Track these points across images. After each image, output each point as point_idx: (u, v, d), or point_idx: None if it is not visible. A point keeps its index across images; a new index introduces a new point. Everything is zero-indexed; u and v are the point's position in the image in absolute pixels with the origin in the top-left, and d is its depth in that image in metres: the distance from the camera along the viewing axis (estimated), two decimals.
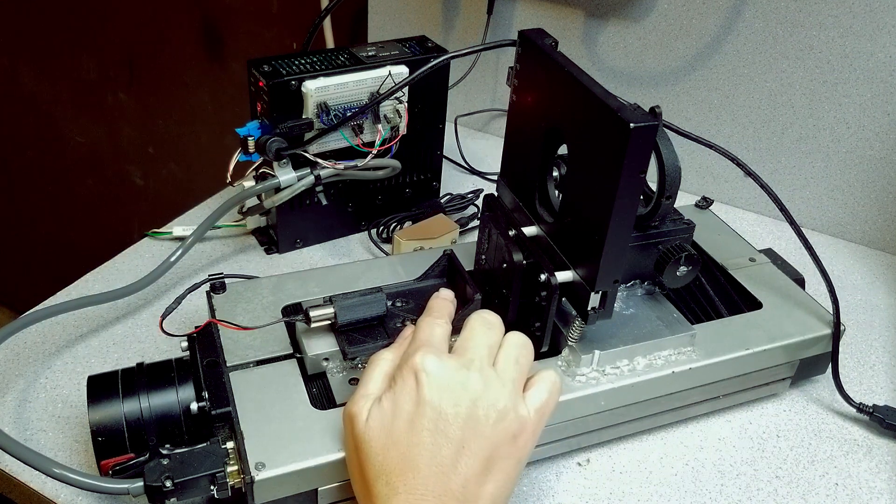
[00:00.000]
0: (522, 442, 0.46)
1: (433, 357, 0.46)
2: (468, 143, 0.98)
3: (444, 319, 0.51)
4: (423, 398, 0.44)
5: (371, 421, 0.45)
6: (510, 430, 0.45)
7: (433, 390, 0.44)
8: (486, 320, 0.49)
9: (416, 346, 0.47)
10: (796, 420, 0.65)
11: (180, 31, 1.32)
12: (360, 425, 0.45)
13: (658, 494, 0.58)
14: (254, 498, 0.47)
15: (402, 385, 0.45)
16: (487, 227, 0.61)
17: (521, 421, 0.45)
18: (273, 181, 0.71)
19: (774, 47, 0.84)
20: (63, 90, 1.52)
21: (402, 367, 0.46)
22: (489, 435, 0.44)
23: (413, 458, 0.43)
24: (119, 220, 1.66)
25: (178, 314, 0.61)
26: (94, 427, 0.50)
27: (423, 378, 0.44)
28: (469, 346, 0.47)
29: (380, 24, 1.05)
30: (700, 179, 0.94)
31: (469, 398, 0.44)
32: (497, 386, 0.45)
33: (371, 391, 0.47)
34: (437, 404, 0.44)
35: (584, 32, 0.93)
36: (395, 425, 0.44)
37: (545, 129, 0.55)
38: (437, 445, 0.43)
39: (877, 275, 0.85)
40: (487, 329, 0.48)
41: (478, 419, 0.44)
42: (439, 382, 0.44)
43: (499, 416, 0.44)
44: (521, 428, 0.45)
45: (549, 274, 0.53)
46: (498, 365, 0.47)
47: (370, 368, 0.49)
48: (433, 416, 0.43)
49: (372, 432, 0.44)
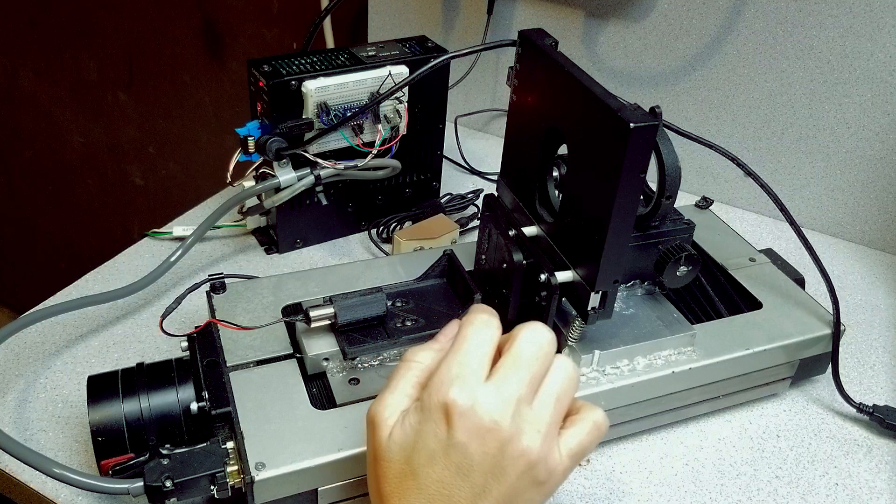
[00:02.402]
0: (549, 487, 0.43)
1: (467, 393, 0.41)
2: (468, 143, 0.98)
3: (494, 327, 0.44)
4: (450, 441, 0.41)
5: (393, 441, 0.42)
6: (538, 478, 0.42)
7: (462, 434, 0.41)
8: (538, 344, 0.43)
9: (453, 371, 0.42)
10: (796, 420, 0.65)
11: (180, 31, 1.32)
12: (381, 438, 0.43)
13: (658, 494, 0.58)
14: (254, 498, 0.48)
15: (429, 416, 0.41)
16: (487, 227, 0.61)
17: (551, 469, 0.42)
18: (273, 181, 0.71)
19: (774, 47, 0.84)
20: (63, 90, 1.52)
21: (433, 393, 0.42)
22: (514, 482, 0.41)
23: (430, 494, 0.41)
24: (119, 220, 1.66)
25: (178, 314, 0.61)
26: (94, 427, 0.50)
27: (454, 419, 0.41)
28: (509, 378, 0.42)
29: (380, 24, 1.05)
30: (700, 179, 0.94)
31: (498, 445, 0.41)
32: (531, 432, 0.41)
33: (397, 400, 0.44)
34: (465, 448, 0.41)
35: (584, 32, 0.93)
36: (416, 456, 0.41)
37: (545, 129, 0.55)
38: (457, 488, 0.41)
39: (877, 275, 0.85)
40: (535, 357, 0.43)
41: (503, 467, 0.41)
42: (469, 425, 0.41)
43: (528, 466, 0.41)
44: (549, 475, 0.42)
45: (549, 274, 0.53)
46: (536, 404, 0.42)
47: (400, 371, 0.45)
48: (458, 459, 0.41)
49: (392, 453, 0.42)
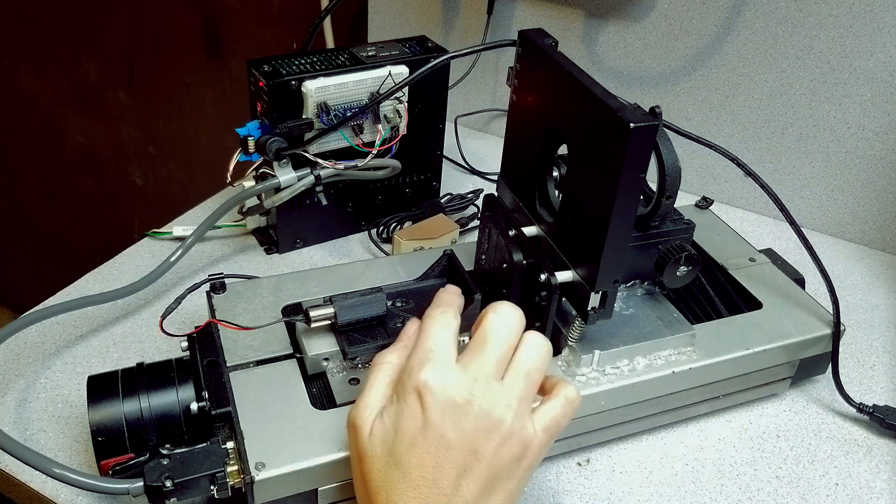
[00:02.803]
0: (527, 463, 0.44)
1: (437, 374, 0.43)
2: (468, 143, 0.98)
3: (451, 315, 0.46)
4: (426, 421, 0.42)
5: (374, 437, 0.43)
6: (513, 452, 0.43)
7: (436, 412, 0.42)
8: (504, 322, 0.45)
9: (421, 357, 0.44)
10: (796, 420, 0.65)
11: (180, 31, 1.32)
12: (363, 438, 0.44)
13: (658, 494, 0.58)
14: (254, 498, 0.48)
15: (405, 403, 0.43)
16: (487, 227, 0.61)
17: (526, 442, 0.44)
18: (273, 181, 0.71)
19: (774, 47, 0.84)
20: (63, 90, 1.52)
21: (405, 381, 0.43)
22: (491, 458, 0.43)
23: (414, 480, 0.42)
24: (119, 220, 1.66)
25: (178, 314, 0.61)
26: (94, 427, 0.50)
27: (427, 399, 0.42)
28: (477, 357, 0.44)
29: (380, 24, 1.05)
30: (700, 179, 0.94)
31: (472, 421, 0.42)
32: (502, 407, 0.43)
33: (374, 400, 0.45)
34: (440, 428, 0.42)
35: (584, 32, 0.93)
36: (397, 445, 0.42)
37: (545, 129, 0.55)
38: (439, 469, 0.42)
39: (877, 275, 0.85)
40: (503, 335, 0.44)
41: (479, 443, 0.42)
42: (443, 404, 0.42)
43: (502, 440, 0.43)
44: (525, 449, 0.44)
45: (549, 274, 0.53)
46: (507, 379, 0.44)
47: (373, 373, 0.47)
48: (435, 441, 0.42)
49: (374, 449, 0.43)
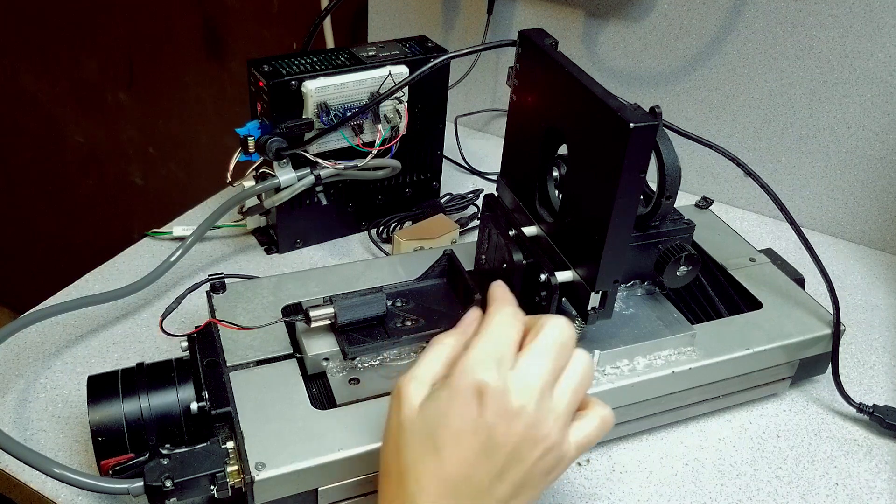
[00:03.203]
0: (554, 475, 0.45)
1: (500, 378, 0.43)
2: (468, 143, 0.98)
3: (520, 317, 0.46)
4: (479, 420, 0.42)
5: (420, 414, 0.43)
6: (549, 463, 0.44)
7: (490, 414, 0.42)
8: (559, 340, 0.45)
9: (485, 355, 0.43)
10: (796, 420, 0.65)
11: (180, 31, 1.32)
12: (407, 410, 0.44)
13: (658, 494, 0.58)
14: (254, 498, 0.48)
15: (460, 395, 0.43)
16: (487, 227, 0.61)
17: (561, 457, 0.44)
18: (273, 181, 0.71)
19: (774, 47, 0.84)
20: (63, 90, 1.52)
21: (465, 375, 0.43)
22: (529, 467, 0.43)
23: (449, 472, 0.42)
24: (119, 220, 1.66)
25: (178, 314, 0.61)
26: (94, 427, 0.50)
27: (486, 399, 0.42)
28: (536, 365, 0.44)
29: (380, 24, 1.05)
30: (700, 179, 0.94)
31: (522, 429, 0.42)
32: (551, 420, 0.43)
33: (426, 375, 0.45)
34: (492, 429, 0.42)
35: (584, 32, 0.93)
36: (442, 433, 0.42)
37: (545, 129, 0.55)
38: (479, 467, 0.42)
39: (877, 275, 0.85)
40: (559, 350, 0.45)
41: (523, 451, 0.43)
42: (499, 407, 0.42)
43: (543, 453, 0.43)
44: (559, 463, 0.45)
45: (549, 274, 0.53)
46: (556, 392, 0.44)
47: (429, 349, 0.47)
48: (484, 440, 0.42)
49: (416, 426, 0.43)
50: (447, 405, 0.43)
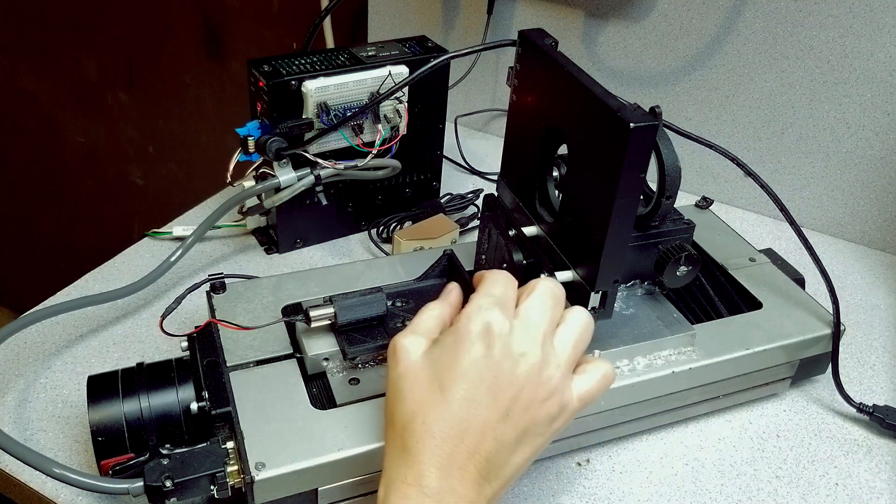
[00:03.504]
0: (558, 424, 0.45)
1: (506, 320, 0.44)
2: (468, 143, 0.98)
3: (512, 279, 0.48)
4: (486, 358, 0.43)
5: (427, 357, 0.44)
6: (552, 411, 0.45)
7: (497, 353, 0.43)
8: (553, 292, 0.47)
9: (492, 300, 0.45)
10: (796, 420, 0.65)
11: (180, 30, 1.32)
12: (408, 361, 0.45)
13: (658, 494, 0.58)
14: (254, 498, 0.47)
15: (467, 336, 0.44)
16: (487, 227, 0.61)
17: (564, 405, 0.45)
18: (273, 181, 0.71)
19: (774, 47, 0.84)
20: (63, 90, 1.52)
21: (470, 318, 0.44)
22: (533, 412, 0.44)
23: (456, 411, 0.42)
24: (119, 220, 1.66)
25: (178, 314, 0.61)
26: (94, 427, 0.50)
27: (492, 339, 0.43)
28: (535, 316, 0.45)
29: (380, 24, 1.05)
30: (700, 179, 0.94)
31: (526, 371, 0.43)
32: (553, 365, 0.45)
33: (423, 330, 0.46)
34: (496, 368, 0.43)
35: (584, 32, 0.93)
36: (447, 373, 0.43)
37: (545, 129, 0.55)
38: (485, 405, 0.43)
39: (877, 275, 0.85)
40: (554, 302, 0.47)
41: (529, 393, 0.43)
42: (505, 347, 0.43)
43: (546, 395, 0.44)
44: (562, 410, 0.45)
45: (550, 274, 0.53)
46: (557, 342, 0.46)
47: (421, 313, 0.48)
48: (490, 379, 0.43)
49: (421, 370, 0.44)
50: (453, 347, 0.44)
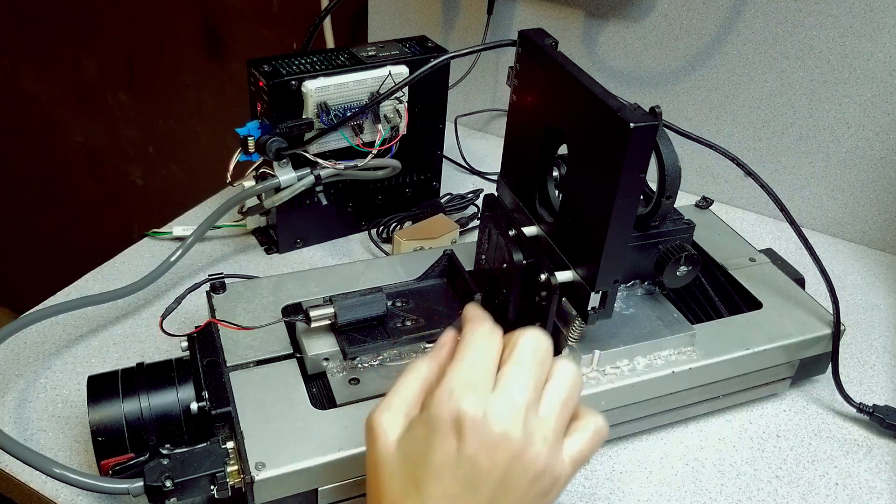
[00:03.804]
0: (551, 497, 0.42)
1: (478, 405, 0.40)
2: (468, 143, 0.98)
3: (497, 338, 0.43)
4: (460, 454, 0.39)
5: (398, 450, 0.41)
6: (542, 488, 0.41)
7: (472, 445, 0.39)
8: (536, 350, 0.42)
9: (460, 383, 0.41)
10: (796, 420, 0.65)
11: (180, 31, 1.32)
12: (382, 446, 0.42)
13: (658, 494, 0.58)
14: (254, 498, 0.48)
15: (438, 429, 0.40)
16: (487, 227, 0.61)
17: (556, 478, 0.42)
18: (273, 181, 0.71)
19: (774, 47, 0.84)
20: (63, 90, 1.52)
21: (442, 405, 0.40)
22: (520, 495, 0.41)
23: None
24: (119, 220, 1.66)
25: (178, 314, 0.61)
26: (94, 427, 0.50)
27: (465, 431, 0.39)
28: (516, 383, 0.41)
29: (380, 24, 1.05)
30: (700, 179, 0.94)
31: (508, 457, 0.40)
32: (538, 441, 0.41)
33: (400, 404, 0.43)
34: (475, 461, 0.39)
35: (584, 32, 0.93)
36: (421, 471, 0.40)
37: (545, 129, 0.55)
38: (465, 501, 0.40)
39: (877, 275, 0.85)
40: (538, 362, 0.42)
41: (512, 479, 0.40)
42: (480, 437, 0.39)
43: (535, 477, 0.41)
44: (554, 485, 0.42)
45: (549, 274, 0.53)
46: (542, 410, 0.42)
47: (403, 377, 0.44)
48: (468, 473, 0.40)
49: (394, 463, 0.41)
50: (425, 441, 0.40)
